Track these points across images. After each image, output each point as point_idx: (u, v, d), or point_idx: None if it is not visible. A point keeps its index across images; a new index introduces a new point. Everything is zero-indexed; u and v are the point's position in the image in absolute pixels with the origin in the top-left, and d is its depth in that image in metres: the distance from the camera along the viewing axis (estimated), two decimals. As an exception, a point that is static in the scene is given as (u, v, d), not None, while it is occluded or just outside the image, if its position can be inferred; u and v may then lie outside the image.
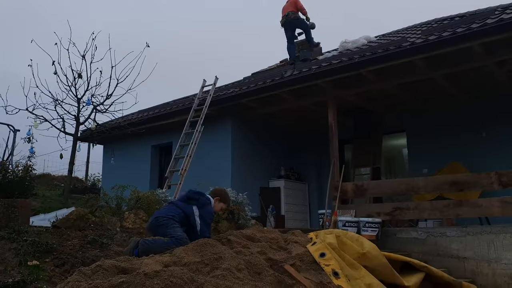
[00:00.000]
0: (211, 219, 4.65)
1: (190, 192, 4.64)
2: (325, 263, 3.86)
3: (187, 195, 4.60)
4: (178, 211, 4.37)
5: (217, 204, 4.77)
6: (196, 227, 4.35)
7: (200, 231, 4.34)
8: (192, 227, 4.36)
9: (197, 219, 4.38)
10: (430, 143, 9.59)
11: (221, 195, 4.86)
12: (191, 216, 4.38)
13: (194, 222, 4.36)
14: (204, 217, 4.43)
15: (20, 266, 3.92)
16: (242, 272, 3.26)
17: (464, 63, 7.42)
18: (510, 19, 6.38)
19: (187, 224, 4.36)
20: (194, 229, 4.35)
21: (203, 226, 4.39)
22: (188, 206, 4.45)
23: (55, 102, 8.50)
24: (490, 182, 6.61)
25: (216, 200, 4.76)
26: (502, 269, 5.81)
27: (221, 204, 4.83)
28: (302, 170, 11.33)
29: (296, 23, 11.07)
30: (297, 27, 11.20)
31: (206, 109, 9.22)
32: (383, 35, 11.87)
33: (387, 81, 8.21)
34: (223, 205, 4.86)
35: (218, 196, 4.81)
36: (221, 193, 4.90)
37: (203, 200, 4.55)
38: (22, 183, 5.57)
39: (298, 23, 11.07)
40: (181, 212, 4.37)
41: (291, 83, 8.72)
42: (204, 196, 4.65)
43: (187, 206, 4.45)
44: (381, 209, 7.52)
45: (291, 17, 10.86)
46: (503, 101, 8.84)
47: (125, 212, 5.75)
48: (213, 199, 4.72)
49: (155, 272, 2.91)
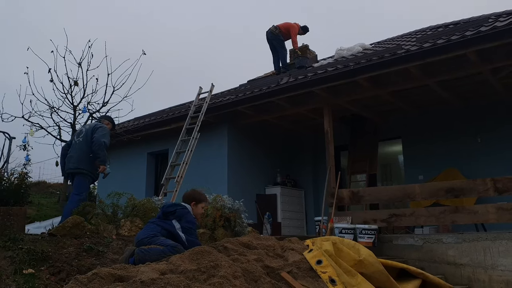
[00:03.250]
0: (194, 227, 4.45)
1: (164, 207, 4.48)
2: (322, 270, 3.85)
3: (162, 211, 4.44)
4: (158, 229, 4.21)
5: (195, 208, 4.58)
6: (182, 240, 4.18)
7: (187, 241, 4.18)
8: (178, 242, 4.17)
9: (179, 233, 4.22)
10: (425, 150, 9.63)
11: (195, 198, 4.64)
12: (173, 231, 4.22)
13: (178, 236, 4.20)
14: (186, 228, 4.27)
15: (15, 275, 3.89)
16: (239, 280, 3.26)
17: (459, 70, 7.47)
18: (503, 26, 6.44)
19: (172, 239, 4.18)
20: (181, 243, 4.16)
21: (188, 237, 4.23)
22: (166, 222, 4.30)
23: (51, 109, 8.47)
24: (486, 188, 6.63)
25: (193, 205, 4.57)
26: (499, 276, 5.82)
27: (200, 205, 4.64)
28: (298, 177, 11.34)
29: (274, 39, 11.44)
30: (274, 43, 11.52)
31: (202, 116, 9.23)
32: (378, 42, 11.95)
33: (382, 88, 8.26)
34: (202, 205, 4.67)
35: (193, 200, 4.61)
36: (194, 196, 4.67)
37: (179, 211, 4.37)
38: (17, 190, 5.54)
39: (275, 41, 11.43)
40: (161, 229, 4.21)
41: (287, 90, 8.74)
42: (179, 206, 4.46)
43: (166, 222, 4.29)
44: (377, 216, 7.53)
45: (275, 32, 11.29)
46: (498, 108, 8.91)
47: (121, 219, 5.72)
48: (189, 205, 4.55)
49: (152, 280, 2.90)
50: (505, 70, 7.57)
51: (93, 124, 6.43)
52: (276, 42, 11.48)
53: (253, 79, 12.86)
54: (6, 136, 9.43)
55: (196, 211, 4.60)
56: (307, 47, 12.64)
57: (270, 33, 11.44)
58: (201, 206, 4.68)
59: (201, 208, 4.68)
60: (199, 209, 4.65)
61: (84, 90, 8.56)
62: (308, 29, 11.77)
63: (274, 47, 11.61)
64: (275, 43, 11.50)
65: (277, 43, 11.48)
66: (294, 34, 11.40)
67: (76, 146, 6.26)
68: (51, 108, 8.46)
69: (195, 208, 4.59)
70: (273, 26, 11.42)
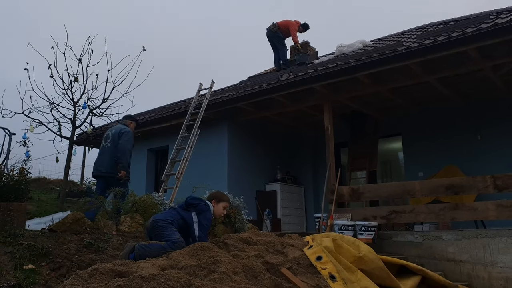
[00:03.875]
0: (209, 225, 4.66)
1: (188, 199, 4.66)
2: (322, 266, 3.86)
3: (186, 202, 4.62)
4: (177, 217, 4.41)
5: (217, 206, 4.78)
6: (194, 233, 4.37)
7: (198, 237, 4.35)
8: (190, 233, 4.39)
9: (195, 225, 4.41)
10: (426, 146, 9.63)
11: (216, 197, 4.86)
12: (190, 223, 4.41)
13: (192, 228, 4.39)
14: (202, 223, 4.45)
15: (16, 270, 3.90)
16: (239, 276, 3.26)
17: (460, 67, 7.46)
18: (504, 23, 6.43)
19: (185, 229, 4.39)
20: (192, 235, 4.38)
21: (200, 232, 4.40)
22: (187, 212, 4.49)
23: (51, 105, 8.47)
24: (486, 185, 6.63)
25: (214, 203, 4.77)
26: (498, 272, 5.83)
27: (221, 204, 4.82)
28: (298, 174, 11.35)
29: (273, 37, 11.59)
30: (273, 41, 11.66)
31: (202, 112, 9.22)
32: (378, 39, 11.93)
33: (383, 85, 8.25)
34: (223, 204, 4.85)
35: (215, 198, 4.82)
36: (217, 195, 4.89)
37: (201, 206, 4.57)
38: (17, 186, 5.53)
39: (275, 38, 11.60)
40: (180, 218, 4.41)
41: (287, 87, 8.73)
42: (202, 201, 4.67)
43: (187, 213, 4.48)
44: (377, 213, 7.54)
45: (274, 29, 11.44)
46: (499, 105, 8.91)
47: (121, 215, 5.73)
48: (210, 203, 4.74)
49: (152, 275, 2.90)
50: (506, 67, 7.56)
51: (118, 128, 6.65)
52: (275, 39, 11.59)
53: (253, 76, 12.85)
54: (6, 132, 9.42)
55: (217, 209, 4.78)
56: (308, 43, 12.63)
57: (269, 30, 11.57)
58: (222, 205, 4.83)
59: (222, 208, 4.83)
60: (220, 208, 4.81)
61: (84, 86, 8.57)
62: (308, 27, 11.78)
63: (274, 44, 11.71)
64: (275, 40, 11.60)
65: (276, 40, 11.59)
66: (293, 31, 11.47)
67: (106, 151, 6.62)
68: (51, 104, 8.47)
69: (216, 206, 4.76)
70: (272, 24, 11.51)
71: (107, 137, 6.72)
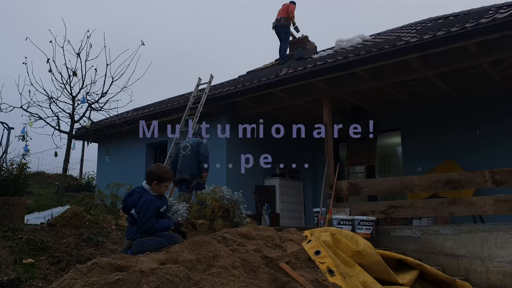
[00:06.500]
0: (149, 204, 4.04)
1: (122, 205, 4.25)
2: (320, 260, 3.87)
3: (123, 206, 4.24)
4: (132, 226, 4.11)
5: (156, 187, 4.15)
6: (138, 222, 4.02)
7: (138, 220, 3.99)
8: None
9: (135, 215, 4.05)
10: (424, 141, 9.65)
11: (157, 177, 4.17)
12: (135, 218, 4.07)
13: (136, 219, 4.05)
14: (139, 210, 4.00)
15: (15, 264, 3.91)
16: (238, 270, 3.27)
17: (459, 62, 7.46)
18: (503, 18, 6.42)
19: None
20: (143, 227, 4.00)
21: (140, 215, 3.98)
22: (129, 216, 4.16)
23: (50, 100, 8.46)
24: (484, 180, 6.65)
25: (155, 185, 4.15)
26: (495, 267, 5.86)
27: (163, 185, 4.21)
28: (297, 169, 11.35)
29: (281, 29, 11.94)
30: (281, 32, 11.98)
31: (201, 107, 9.22)
32: (378, 34, 11.91)
33: (381, 80, 8.25)
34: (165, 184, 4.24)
35: (155, 180, 4.15)
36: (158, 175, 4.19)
37: (134, 200, 4.08)
38: (16, 181, 5.54)
39: (282, 30, 11.95)
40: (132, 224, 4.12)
41: (286, 82, 8.73)
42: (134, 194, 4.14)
43: (129, 217, 4.16)
44: (375, 207, 7.56)
45: (281, 22, 11.84)
46: (497, 99, 8.91)
47: (120, 210, 5.73)
48: (149, 185, 4.17)
49: (151, 269, 2.91)
50: (505, 62, 7.56)
51: (195, 140, 7.78)
52: (284, 32, 11.95)
53: (252, 70, 12.84)
54: (5, 127, 9.40)
55: (159, 190, 4.20)
56: (307, 38, 12.60)
57: (280, 26, 11.92)
58: (164, 185, 4.24)
59: (164, 188, 4.25)
60: (162, 188, 4.23)
61: (83, 80, 8.56)
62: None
63: (280, 36, 12.04)
64: (282, 30, 11.93)
65: (284, 34, 11.97)
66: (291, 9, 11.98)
67: (187, 159, 7.58)
68: (50, 99, 8.46)
69: (156, 188, 4.16)
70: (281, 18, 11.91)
71: (186, 147, 7.74)
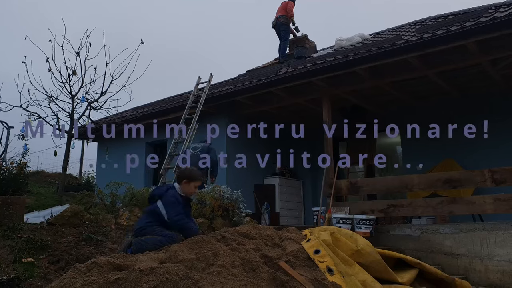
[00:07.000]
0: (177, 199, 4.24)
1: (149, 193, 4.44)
2: (320, 259, 3.87)
3: (148, 197, 4.41)
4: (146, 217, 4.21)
5: (186, 186, 4.34)
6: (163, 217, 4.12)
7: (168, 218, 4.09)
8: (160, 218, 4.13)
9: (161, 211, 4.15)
10: (424, 140, 9.63)
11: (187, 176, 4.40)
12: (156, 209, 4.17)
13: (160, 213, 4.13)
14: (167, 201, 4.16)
15: (15, 263, 3.91)
16: (237, 269, 3.27)
17: (458, 61, 7.45)
18: (503, 17, 6.42)
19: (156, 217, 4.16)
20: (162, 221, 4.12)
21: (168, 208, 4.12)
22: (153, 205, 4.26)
23: (49, 99, 8.45)
24: (484, 179, 6.65)
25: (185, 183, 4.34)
26: (495, 266, 5.87)
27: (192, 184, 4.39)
28: (297, 168, 11.35)
29: (281, 27, 11.88)
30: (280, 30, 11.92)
31: (201, 106, 9.22)
32: (377, 33, 11.90)
33: (381, 79, 8.24)
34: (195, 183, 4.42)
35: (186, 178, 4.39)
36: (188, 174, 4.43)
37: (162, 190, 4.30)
38: (16, 180, 5.55)
39: (282, 29, 11.89)
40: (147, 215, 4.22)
41: (285, 81, 8.72)
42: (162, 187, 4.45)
43: (152, 205, 4.26)
44: (375, 206, 7.57)
45: (281, 20, 11.78)
46: (497, 98, 8.91)
47: (119, 209, 5.75)
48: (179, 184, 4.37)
49: (151, 268, 2.91)
50: (505, 61, 7.56)
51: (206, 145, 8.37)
52: (283, 30, 11.88)
53: (252, 70, 12.83)
54: (4, 126, 9.40)
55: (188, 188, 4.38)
56: (306, 37, 12.59)
57: (280, 25, 11.84)
58: (194, 185, 4.43)
59: (193, 187, 4.43)
60: (192, 188, 4.41)
61: (82, 79, 8.54)
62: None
63: (280, 34, 11.99)
64: (282, 28, 11.87)
65: (284, 32, 11.90)
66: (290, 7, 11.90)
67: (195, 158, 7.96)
68: (49, 98, 8.45)
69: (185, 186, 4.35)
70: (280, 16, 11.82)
71: (196, 147, 8.26)
